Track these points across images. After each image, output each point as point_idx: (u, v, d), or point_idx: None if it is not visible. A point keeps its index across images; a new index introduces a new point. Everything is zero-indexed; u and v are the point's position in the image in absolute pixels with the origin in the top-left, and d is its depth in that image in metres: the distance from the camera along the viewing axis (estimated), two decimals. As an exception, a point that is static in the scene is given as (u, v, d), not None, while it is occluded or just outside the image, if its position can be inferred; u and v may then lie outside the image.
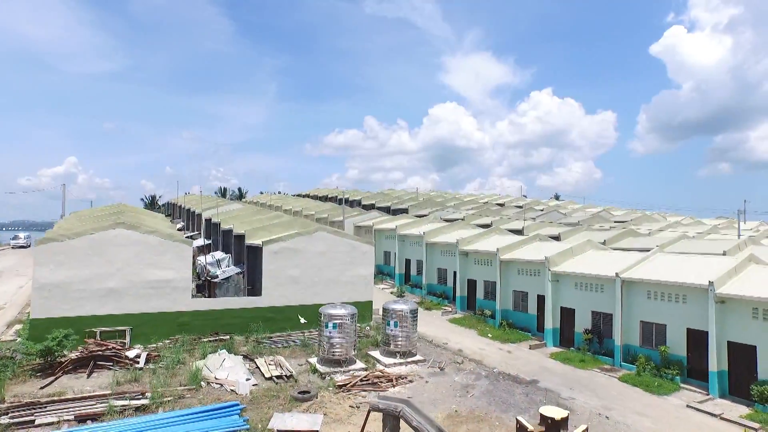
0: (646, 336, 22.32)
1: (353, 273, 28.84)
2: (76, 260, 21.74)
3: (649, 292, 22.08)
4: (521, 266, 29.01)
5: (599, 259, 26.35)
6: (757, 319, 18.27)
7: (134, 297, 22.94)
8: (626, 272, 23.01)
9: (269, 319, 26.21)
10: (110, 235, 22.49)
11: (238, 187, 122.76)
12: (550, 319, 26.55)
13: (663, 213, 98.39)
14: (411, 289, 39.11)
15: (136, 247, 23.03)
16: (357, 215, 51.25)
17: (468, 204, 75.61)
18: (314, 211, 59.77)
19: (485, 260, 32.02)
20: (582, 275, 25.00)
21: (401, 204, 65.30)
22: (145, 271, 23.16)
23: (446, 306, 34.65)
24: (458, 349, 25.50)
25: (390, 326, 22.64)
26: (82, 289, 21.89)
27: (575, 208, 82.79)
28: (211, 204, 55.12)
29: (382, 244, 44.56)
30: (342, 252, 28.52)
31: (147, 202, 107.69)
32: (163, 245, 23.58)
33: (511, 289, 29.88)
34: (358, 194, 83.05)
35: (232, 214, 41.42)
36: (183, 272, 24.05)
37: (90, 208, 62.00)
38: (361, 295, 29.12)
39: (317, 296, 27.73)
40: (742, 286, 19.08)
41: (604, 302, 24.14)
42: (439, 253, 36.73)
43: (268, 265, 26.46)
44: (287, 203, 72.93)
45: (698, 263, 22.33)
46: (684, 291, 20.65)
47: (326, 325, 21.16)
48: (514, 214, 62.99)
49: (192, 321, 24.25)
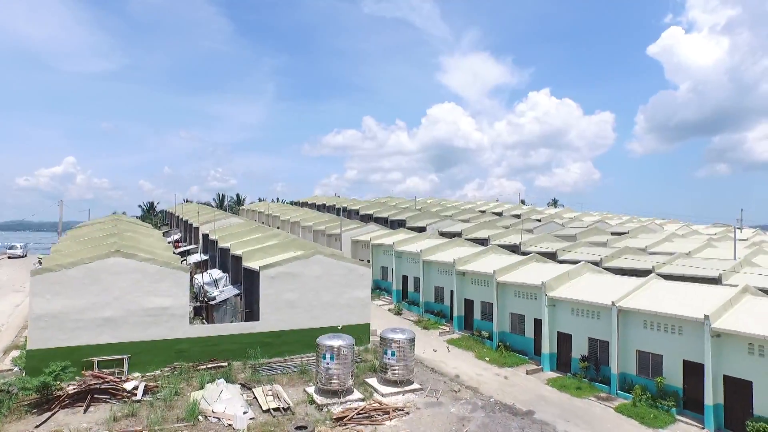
0: (643, 365, 22.41)
1: (350, 296, 28.86)
2: (72, 290, 21.70)
3: (646, 321, 22.17)
4: (518, 289, 29.08)
5: (596, 285, 26.43)
6: (753, 354, 18.37)
7: (131, 325, 22.91)
8: (622, 301, 23.09)
9: (267, 344, 26.20)
10: (107, 263, 22.46)
11: (236, 193, 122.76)
12: (547, 344, 26.62)
13: (660, 221, 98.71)
14: (408, 306, 39.13)
15: (134, 275, 23.01)
16: (354, 228, 51.27)
17: (466, 213, 75.68)
18: (312, 222, 59.78)
19: (482, 281, 32.08)
20: (579, 302, 25.09)
21: (399, 215, 65.32)
22: (143, 299, 23.14)
23: (444, 325, 34.68)
24: (455, 374, 25.55)
25: (387, 355, 22.68)
26: (79, 318, 21.86)
27: (572, 217, 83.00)
28: (209, 216, 55.00)
29: (380, 260, 44.59)
30: (339, 275, 28.55)
31: (145, 208, 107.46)
32: (161, 273, 23.56)
33: (508, 311, 29.94)
34: (356, 203, 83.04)
35: (229, 230, 41.37)
36: (180, 299, 24.03)
37: (88, 221, 61.82)
38: (359, 317, 29.15)
39: (314, 320, 27.76)
40: (738, 320, 19.18)
41: (600, 329, 24.22)
42: (436, 271, 36.78)
43: (266, 289, 26.46)
44: (285, 212, 72.90)
45: (694, 293, 22.43)
46: (680, 323, 20.75)
47: (323, 356, 21.18)
48: (512, 225, 63.07)
49: (190, 348, 24.22)
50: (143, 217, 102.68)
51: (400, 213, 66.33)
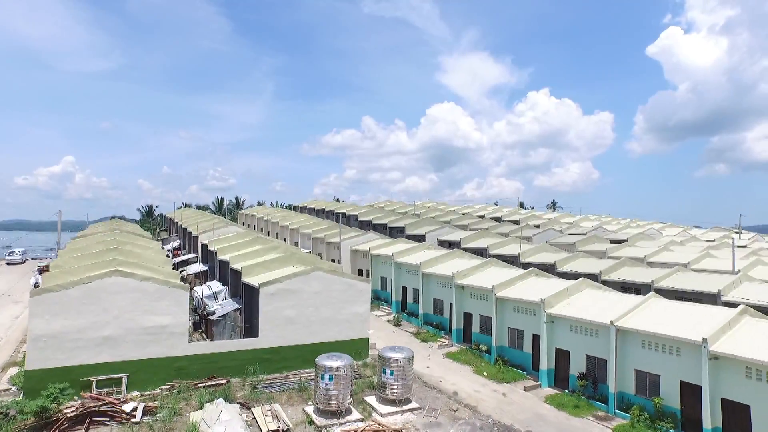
0: (641, 385, 22.46)
1: (349, 311, 28.90)
2: (71, 310, 21.71)
3: (644, 341, 22.22)
4: (517, 305, 29.12)
5: (595, 302, 26.49)
6: (751, 378, 18.43)
7: (130, 344, 22.92)
8: (621, 320, 23.14)
9: (266, 360, 26.23)
10: (106, 283, 22.48)
11: (235, 196, 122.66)
12: (545, 360, 26.68)
13: (659, 225, 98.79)
14: (407, 317, 39.17)
15: (133, 294, 23.02)
16: (354, 236, 51.31)
17: (465, 219, 75.79)
18: (311, 229, 59.81)
19: (481, 295, 32.12)
20: (577, 320, 25.14)
21: (398, 222, 65.37)
22: (142, 318, 23.16)
23: (442, 338, 34.73)
24: (453, 391, 25.59)
25: (386, 374, 22.72)
26: (78, 338, 21.86)
27: (571, 222, 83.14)
28: (207, 224, 55.00)
29: (379, 270, 44.63)
30: (338, 291, 28.58)
31: (144, 212, 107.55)
32: (160, 291, 23.58)
33: (507, 325, 29.98)
34: (356, 209, 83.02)
35: (228, 241, 41.39)
36: (180, 318, 24.04)
37: (87, 228, 61.68)
38: (358, 332, 29.20)
39: (313, 336, 27.80)
40: (736, 343, 19.24)
41: (598, 347, 24.28)
42: (436, 283, 36.83)
43: (265, 306, 26.48)
44: (284, 218, 72.91)
45: (693, 313, 22.49)
46: (678, 344, 20.80)
47: (322, 377, 21.21)
48: (511, 232, 63.14)
49: (189, 366, 24.24)
50: (142, 221, 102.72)
51: (399, 219, 66.38)
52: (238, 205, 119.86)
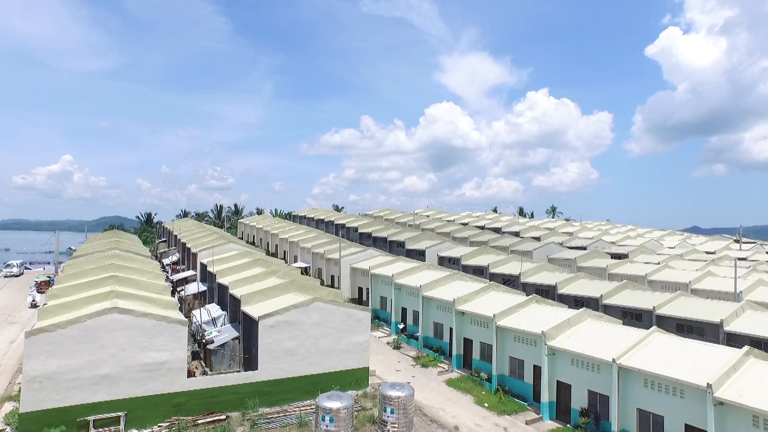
0: (643, 425, 22.22)
1: (349, 341, 28.66)
2: (68, 349, 21.43)
3: (647, 381, 21.99)
4: (518, 334, 28.89)
5: (596, 334, 26.25)
6: (758, 427, 18.20)
7: (128, 382, 22.64)
8: (623, 357, 22.90)
9: (266, 392, 25.97)
10: (104, 320, 22.20)
11: (234, 203, 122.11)
12: (546, 393, 26.44)
13: (658, 233, 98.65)
14: (407, 339, 38.91)
15: (130, 331, 22.74)
16: (354, 253, 51.05)
17: (465, 230, 75.58)
18: (311, 243, 59.54)
19: (482, 322, 31.88)
20: (579, 354, 24.90)
21: (398, 235, 65.14)
22: (140, 355, 22.88)
23: (443, 363, 34.47)
24: (454, 425, 25.34)
25: (387, 412, 22.45)
26: (74, 377, 21.57)
27: (571, 233, 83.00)
28: (206, 239, 54.78)
29: (379, 289, 44.37)
30: (338, 321, 28.34)
31: (143, 219, 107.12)
32: (158, 327, 23.31)
33: (508, 354, 29.74)
34: (356, 219, 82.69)
35: (228, 261, 41.14)
36: (178, 353, 23.76)
37: (85, 242, 61.41)
38: (357, 362, 28.96)
39: (313, 367, 27.56)
40: (742, 390, 19.01)
41: (600, 383, 24.04)
42: (436, 307, 36.57)
43: (265, 339, 26.22)
44: (284, 230, 72.62)
45: (697, 352, 22.25)
46: (682, 386, 20.57)
47: (323, 418, 20.96)
48: (511, 246, 63.00)
49: (188, 401, 23.97)
50: (141, 229, 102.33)
51: (400, 233, 66.13)
52: (237, 212, 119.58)
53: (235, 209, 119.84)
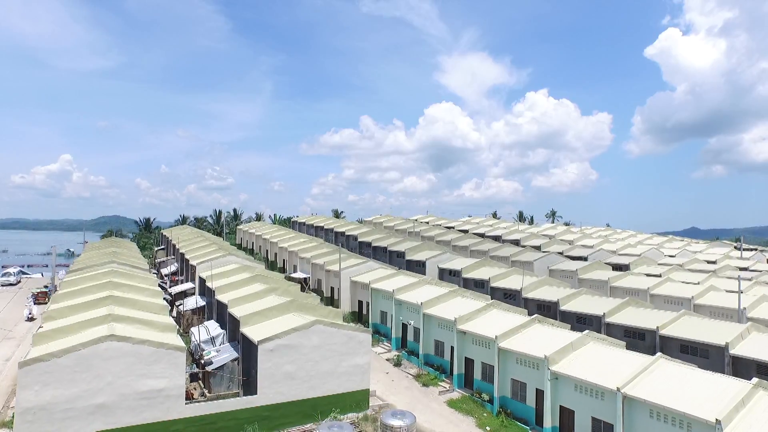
0: (649, 456, 21.85)
1: (350, 363, 28.28)
2: (63, 379, 21.04)
3: (652, 411, 21.63)
4: (520, 357, 28.53)
5: (600, 359, 25.90)
6: (765, 465, 17.86)
7: (125, 410, 22.25)
8: (627, 386, 22.54)
9: (265, 417, 25.60)
10: (100, 349, 21.80)
11: (233, 208, 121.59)
12: (549, 418, 26.09)
13: (659, 239, 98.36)
14: (408, 356, 38.51)
15: (127, 359, 22.34)
16: (354, 265, 50.64)
17: (465, 239, 75.22)
18: (310, 254, 59.13)
19: (483, 342, 31.51)
20: (582, 381, 24.54)
21: (398, 245, 64.76)
22: (137, 383, 22.48)
23: (443, 381, 34.10)
24: (457, 452, 24.98)
25: (388, 442, 22.11)
26: (69, 407, 21.18)
27: (572, 240, 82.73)
28: (205, 250, 54.37)
29: (379, 303, 43.98)
30: (338, 343, 27.96)
31: (141, 224, 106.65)
32: (156, 354, 22.91)
33: (510, 376, 29.38)
34: (356, 227, 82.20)
35: (227, 276, 40.74)
36: (176, 380, 23.37)
37: (83, 251, 60.91)
38: (358, 384, 28.58)
39: (313, 390, 27.19)
40: (751, 426, 18.66)
41: (605, 411, 23.67)
42: (437, 325, 36.19)
43: (264, 363, 25.83)
44: (283, 238, 72.19)
45: (704, 382, 21.91)
46: (689, 420, 20.21)
47: (322, 450, 20.60)
48: (512, 256, 62.66)
49: (186, 429, 23.58)
50: (140, 235, 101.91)
51: (400, 243, 65.74)
52: (236, 217, 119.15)
53: (234, 214, 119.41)
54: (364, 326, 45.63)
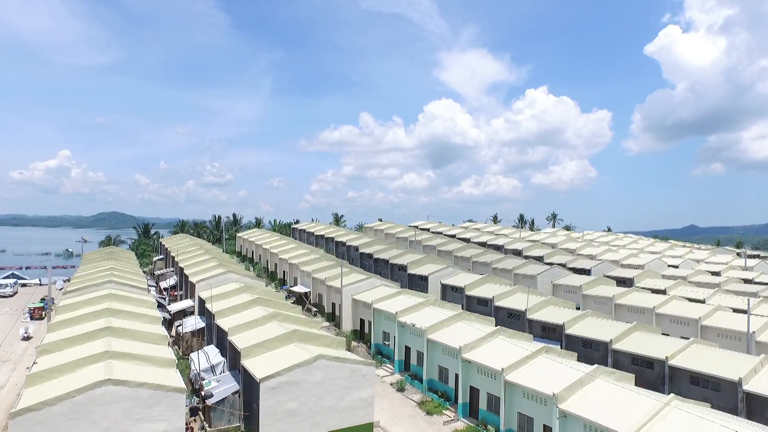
0: (663, 505, 21.22)
1: (353, 397, 27.64)
2: (57, 428, 20.34)
3: (667, 460, 20.97)
4: (527, 391, 27.87)
5: (609, 398, 25.22)
6: None
7: (122, 456, 21.57)
8: (642, 431, 21.88)
9: (265, 456, 24.95)
10: (96, 394, 21.10)
11: (233, 213, 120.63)
12: (559, 457, 25.45)
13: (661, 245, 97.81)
14: (411, 380, 37.86)
15: (125, 403, 21.67)
16: (356, 282, 49.93)
17: (467, 249, 74.60)
18: (311, 268, 58.44)
19: (489, 372, 30.85)
20: (592, 422, 23.87)
21: (400, 258, 64.11)
22: (134, 428, 21.81)
23: (448, 410, 33.44)
24: (463, 494, 24.34)
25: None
26: (66, 456, 20.49)
27: (574, 249, 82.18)
28: (204, 265, 53.66)
29: (382, 324, 43.31)
30: (342, 378, 27.30)
31: (140, 231, 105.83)
32: (155, 397, 22.23)
33: (516, 410, 28.72)
34: (357, 237, 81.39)
35: (227, 297, 40.05)
36: (176, 422, 22.71)
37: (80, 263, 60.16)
38: (361, 418, 27.96)
39: (316, 426, 26.56)
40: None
41: (616, 454, 23.00)
42: (441, 351, 35.52)
43: (266, 401, 25.17)
44: (283, 249, 71.46)
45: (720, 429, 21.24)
46: (705, 473, 19.56)
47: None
48: (515, 269, 62.04)
49: (184, 472, 22.93)
50: (138, 242, 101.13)
51: (402, 255, 65.04)
52: (236, 222, 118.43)
53: (233, 219, 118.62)
54: (366, 345, 45.12)
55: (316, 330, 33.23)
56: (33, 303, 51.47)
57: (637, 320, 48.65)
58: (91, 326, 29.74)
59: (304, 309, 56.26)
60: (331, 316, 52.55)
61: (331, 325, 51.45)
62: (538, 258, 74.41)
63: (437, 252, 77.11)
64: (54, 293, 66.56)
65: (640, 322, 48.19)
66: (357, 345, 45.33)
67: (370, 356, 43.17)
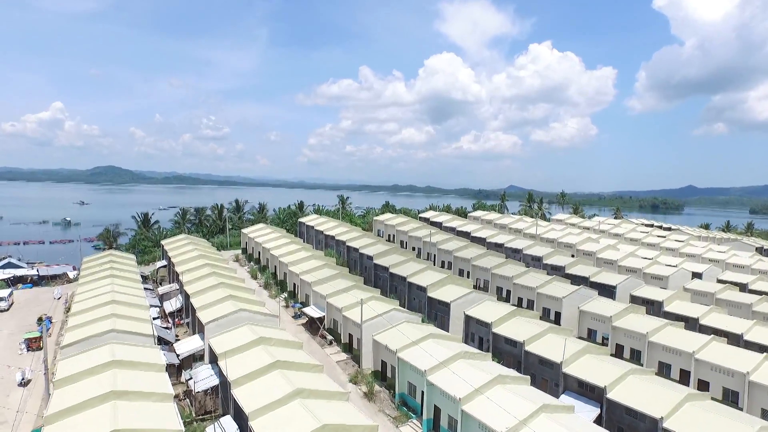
0: None
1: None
2: None
3: None
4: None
5: None
6: None
7: None
8: None
9: None
10: None
11: (235, 199, 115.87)
12: None
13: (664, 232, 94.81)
14: (442, 447, 35.26)
15: None
16: (375, 317, 46.59)
17: (486, 258, 71.41)
18: (326, 290, 55.10)
19: (537, 467, 28.04)
20: None
21: (418, 276, 60.83)
22: None
23: (485, 493, 30.92)
24: None
25: None
26: None
27: (592, 253, 79.15)
28: (211, 291, 50.31)
29: (407, 374, 40.27)
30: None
31: (139, 221, 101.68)
32: None
33: None
34: (369, 245, 77.10)
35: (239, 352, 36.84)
36: None
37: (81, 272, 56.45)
38: None
39: None
40: None
41: None
42: (477, 426, 32.65)
43: None
44: (292, 259, 67.97)
45: None
46: None
47: None
48: (537, 288, 59.10)
49: None
50: (137, 236, 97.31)
51: (420, 273, 61.61)
52: (239, 209, 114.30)
53: (236, 205, 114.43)
54: (390, 392, 42.31)
55: (348, 421, 29.87)
56: (29, 333, 48.07)
57: (673, 363, 46.27)
58: (95, 391, 27.50)
59: (318, 335, 53.41)
60: (348, 347, 49.74)
61: (348, 358, 48.70)
62: (557, 268, 71.66)
63: (453, 258, 74.08)
64: (53, 302, 63.46)
65: (677, 365, 45.91)
66: (379, 390, 42.64)
67: (394, 407, 40.52)
